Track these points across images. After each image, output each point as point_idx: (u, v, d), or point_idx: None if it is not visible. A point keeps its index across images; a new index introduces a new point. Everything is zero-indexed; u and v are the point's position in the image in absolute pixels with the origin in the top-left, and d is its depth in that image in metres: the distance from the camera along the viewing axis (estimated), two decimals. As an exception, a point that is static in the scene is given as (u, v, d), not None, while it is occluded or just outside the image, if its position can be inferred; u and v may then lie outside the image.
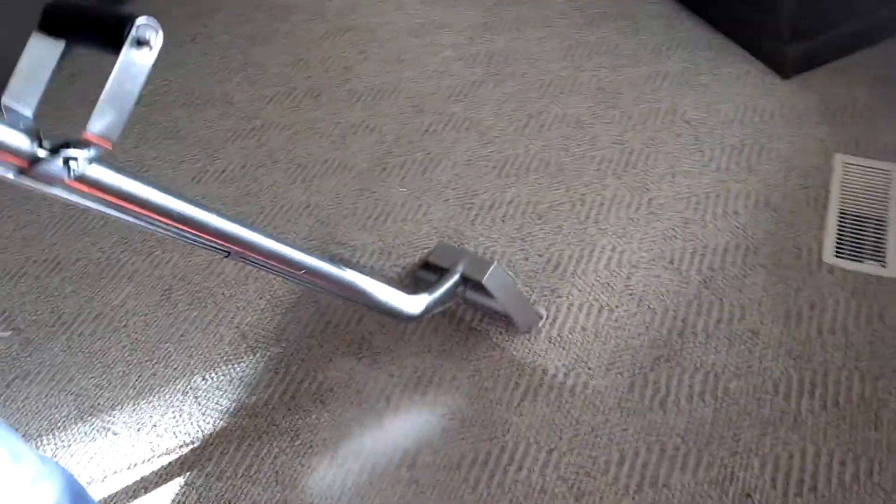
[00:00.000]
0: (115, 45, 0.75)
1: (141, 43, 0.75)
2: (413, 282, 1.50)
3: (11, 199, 1.82)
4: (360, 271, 1.21)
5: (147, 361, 1.46)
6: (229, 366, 1.44)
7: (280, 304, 1.52)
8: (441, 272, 1.38)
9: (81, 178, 0.79)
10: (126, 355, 1.48)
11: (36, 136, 0.75)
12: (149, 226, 0.91)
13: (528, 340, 1.40)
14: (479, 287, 1.32)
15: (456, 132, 1.83)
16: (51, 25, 0.80)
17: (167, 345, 1.48)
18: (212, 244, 0.97)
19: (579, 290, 1.48)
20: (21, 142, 0.73)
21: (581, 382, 1.34)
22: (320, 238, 1.64)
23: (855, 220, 1.53)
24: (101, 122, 0.76)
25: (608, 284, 1.48)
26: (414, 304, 1.29)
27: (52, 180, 0.77)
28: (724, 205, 1.59)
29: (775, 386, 1.30)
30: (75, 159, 0.76)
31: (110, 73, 0.76)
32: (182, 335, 1.50)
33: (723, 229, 1.55)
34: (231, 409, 1.37)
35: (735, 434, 1.24)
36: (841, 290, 1.42)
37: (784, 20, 1.78)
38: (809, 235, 1.51)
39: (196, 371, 1.44)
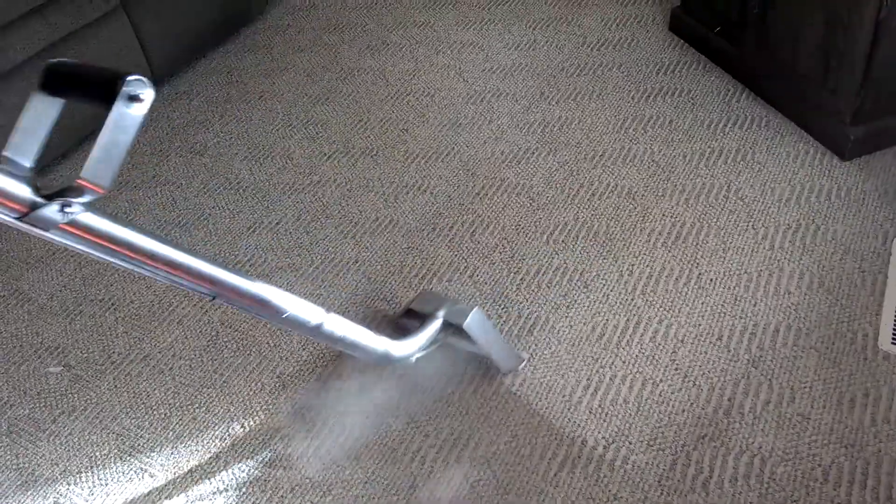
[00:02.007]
0: (108, 101, 0.79)
1: (132, 98, 0.79)
2: (395, 328, 1.52)
3: (76, 239, 1.89)
4: (348, 318, 1.23)
5: (188, 405, 1.48)
6: (268, 416, 1.45)
7: (322, 357, 1.54)
8: (423, 318, 1.41)
9: (74, 223, 0.85)
10: (169, 398, 1.50)
11: (34, 185, 0.81)
12: (137, 269, 0.96)
13: (569, 410, 1.38)
14: (461, 332, 1.36)
15: (507, 197, 1.85)
16: (50, 84, 0.85)
17: (210, 390, 1.50)
18: (197, 287, 1.02)
19: (623, 362, 1.45)
20: (21, 190, 0.79)
21: (621, 457, 1.31)
22: (365, 293, 1.65)
23: (914, 307, 1.48)
24: (93, 170, 0.80)
25: (653, 357, 1.45)
26: (400, 348, 1.33)
27: (47, 225, 0.83)
28: (777, 284, 1.56)
29: (825, 474, 1.24)
30: (69, 205, 0.82)
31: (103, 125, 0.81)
32: (225, 381, 1.52)
33: (774, 309, 1.51)
34: (266, 460, 1.37)
35: (781, 523, 1.19)
36: (898, 378, 1.36)
37: (846, 102, 1.77)
38: (865, 320, 1.47)
39: (235, 418, 1.45)
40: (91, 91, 0.83)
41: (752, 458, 1.28)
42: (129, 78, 0.79)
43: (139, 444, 1.43)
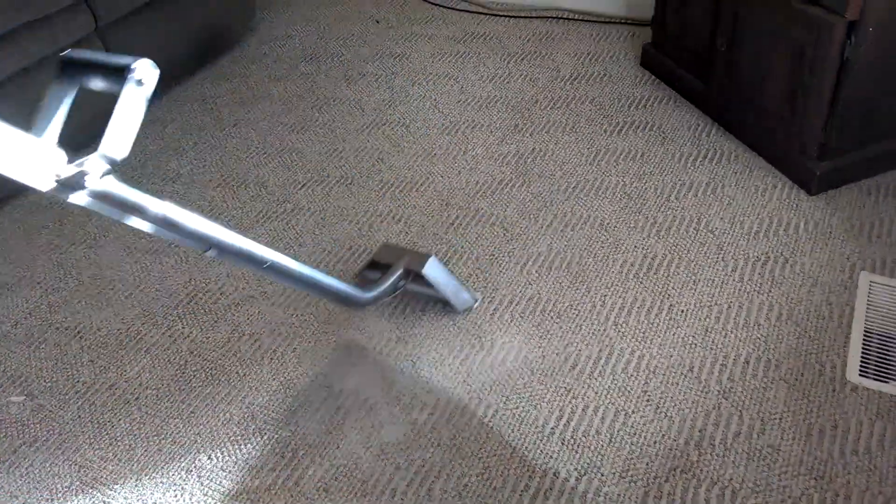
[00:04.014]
0: (118, 85, 0.97)
1: (140, 82, 0.98)
2: (360, 279, 1.70)
3: (42, 265, 1.86)
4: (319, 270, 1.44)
5: (154, 437, 1.45)
6: (236, 446, 1.42)
7: (292, 387, 1.52)
8: (385, 268, 1.60)
9: (95, 188, 1.02)
10: (134, 429, 1.47)
11: (61, 156, 0.97)
12: (149, 228, 1.13)
13: (541, 441, 1.37)
14: (420, 277, 1.55)
15: (480, 227, 1.86)
16: (65, 72, 1.02)
17: (176, 421, 1.48)
18: (194, 243, 1.21)
19: (595, 393, 1.45)
20: (51, 160, 0.96)
21: (593, 489, 1.30)
22: (338, 322, 1.64)
23: (881, 339, 1.51)
24: (110, 143, 0.98)
25: (625, 388, 1.45)
26: (365, 293, 1.52)
27: (75, 187, 0.99)
28: (747, 316, 1.57)
29: (795, 507, 1.24)
30: (89, 173, 0.99)
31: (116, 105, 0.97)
32: (192, 412, 1.49)
33: (744, 340, 1.52)
34: (233, 492, 1.35)
35: (752, 555, 1.19)
36: (865, 410, 1.38)
37: (812, 138, 1.81)
38: (833, 352, 1.48)
39: (202, 450, 1.42)
40: (103, 76, 0.99)
41: (724, 490, 1.28)
42: (137, 63, 0.97)
43: (102, 476, 1.39)
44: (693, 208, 1.85)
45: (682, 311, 1.60)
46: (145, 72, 0.97)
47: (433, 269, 1.54)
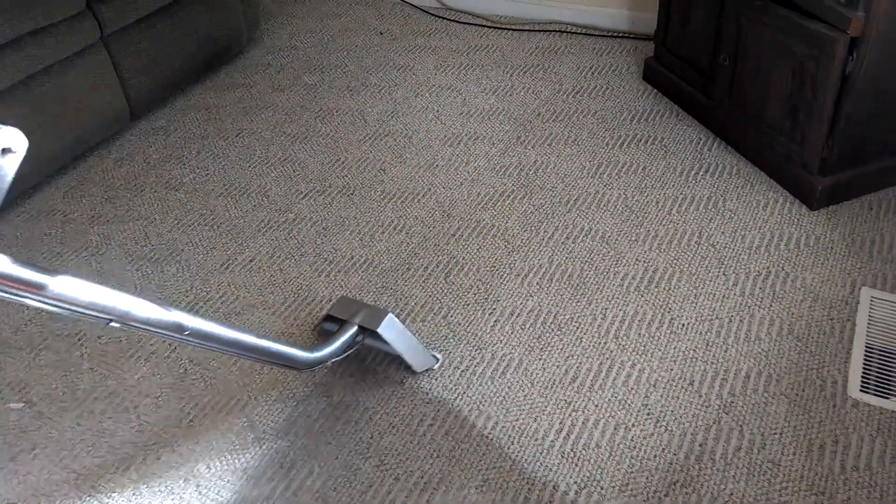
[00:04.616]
0: None
1: (7, 150, 0.86)
2: (317, 332, 1.64)
3: (44, 272, 1.86)
4: (254, 334, 1.29)
5: (153, 445, 1.45)
6: (234, 456, 1.42)
7: (292, 397, 1.51)
8: (341, 323, 1.50)
9: None
10: (133, 437, 1.46)
11: None
12: (33, 303, 0.96)
13: (541, 454, 1.37)
14: (377, 335, 1.44)
15: (482, 239, 1.86)
16: None
17: (175, 429, 1.47)
18: (93, 315, 1.03)
19: (595, 406, 1.45)
20: None
21: (592, 502, 1.29)
22: (339, 333, 1.64)
23: (882, 355, 1.50)
24: None
25: (625, 402, 1.45)
26: (310, 354, 1.41)
27: None
28: (748, 330, 1.57)
29: (796, 522, 1.24)
30: None
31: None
32: (191, 420, 1.49)
33: (745, 355, 1.52)
34: (231, 502, 1.34)
35: (752, 571, 1.18)
36: (866, 426, 1.37)
37: (813, 153, 1.82)
38: (834, 368, 1.48)
39: (200, 459, 1.42)
40: None
41: (724, 504, 1.27)
42: (2, 132, 0.85)
43: (100, 485, 1.39)
44: (694, 222, 1.86)
45: (683, 325, 1.60)
46: (12, 140, 0.87)
47: (390, 328, 1.44)
